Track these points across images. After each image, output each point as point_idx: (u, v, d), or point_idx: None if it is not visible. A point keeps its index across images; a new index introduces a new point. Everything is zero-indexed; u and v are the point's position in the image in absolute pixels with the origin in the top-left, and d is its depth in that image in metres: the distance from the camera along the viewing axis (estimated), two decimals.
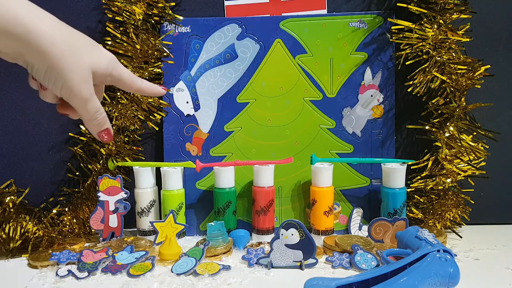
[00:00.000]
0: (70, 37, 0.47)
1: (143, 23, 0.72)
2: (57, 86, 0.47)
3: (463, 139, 0.69)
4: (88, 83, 0.48)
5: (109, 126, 0.52)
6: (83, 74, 0.47)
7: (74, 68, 0.46)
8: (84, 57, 0.47)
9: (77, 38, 0.48)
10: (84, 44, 0.48)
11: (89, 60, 0.48)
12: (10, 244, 0.66)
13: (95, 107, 0.49)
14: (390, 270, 0.49)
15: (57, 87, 0.47)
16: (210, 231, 0.64)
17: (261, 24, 0.74)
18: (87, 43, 0.49)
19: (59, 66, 0.46)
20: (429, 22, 0.69)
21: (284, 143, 0.75)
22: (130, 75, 0.53)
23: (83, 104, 0.48)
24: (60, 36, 0.46)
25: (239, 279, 0.57)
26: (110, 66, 0.50)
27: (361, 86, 0.74)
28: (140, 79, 0.54)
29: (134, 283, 0.56)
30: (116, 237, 0.71)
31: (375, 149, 0.75)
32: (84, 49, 0.48)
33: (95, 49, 0.49)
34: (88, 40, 0.49)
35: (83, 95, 0.48)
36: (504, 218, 0.77)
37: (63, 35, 0.46)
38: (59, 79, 0.46)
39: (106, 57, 0.50)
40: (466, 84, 0.69)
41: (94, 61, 0.48)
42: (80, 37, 0.48)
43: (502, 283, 0.55)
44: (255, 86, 0.75)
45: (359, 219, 0.73)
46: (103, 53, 0.50)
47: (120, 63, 0.52)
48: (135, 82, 0.53)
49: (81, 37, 0.49)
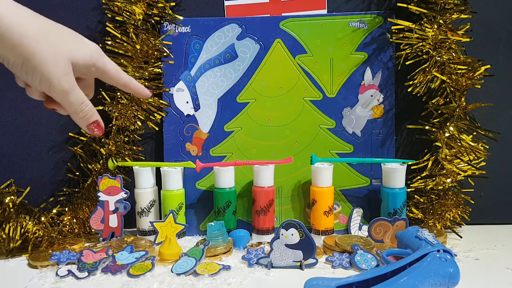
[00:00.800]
0: (44, 28, 0.45)
1: (143, 23, 0.72)
2: (36, 80, 0.45)
3: (463, 139, 0.69)
4: (67, 75, 0.46)
5: (97, 118, 0.50)
6: (61, 65, 0.45)
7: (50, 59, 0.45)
8: (62, 48, 0.46)
9: (53, 29, 0.46)
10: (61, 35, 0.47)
11: (67, 50, 0.46)
12: (10, 244, 0.66)
13: (79, 99, 0.47)
14: (390, 270, 0.49)
15: (36, 80, 0.45)
16: (210, 231, 0.64)
17: (261, 24, 0.74)
18: (65, 34, 0.47)
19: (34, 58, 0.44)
20: (429, 22, 0.69)
21: (284, 143, 0.75)
22: (116, 69, 0.51)
23: (65, 96, 0.47)
24: (34, 28, 0.44)
25: (239, 279, 0.57)
26: (94, 56, 0.48)
27: (361, 86, 0.74)
28: (128, 76, 0.53)
29: (134, 283, 0.56)
30: (116, 237, 0.71)
31: (375, 149, 0.75)
32: (61, 39, 0.46)
33: (75, 39, 0.48)
34: (68, 31, 0.48)
35: (64, 87, 0.46)
36: (504, 218, 0.77)
37: (37, 27, 0.45)
38: (36, 72, 0.45)
39: (88, 47, 0.48)
40: (466, 84, 0.69)
41: (74, 51, 0.46)
42: (58, 28, 0.47)
43: (502, 283, 0.55)
44: (255, 86, 0.75)
45: (359, 219, 0.73)
46: (84, 43, 0.48)
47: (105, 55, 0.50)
48: (121, 76, 0.51)
49: (59, 28, 0.47)
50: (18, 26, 0.44)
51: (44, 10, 0.74)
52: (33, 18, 0.46)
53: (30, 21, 0.45)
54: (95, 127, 0.50)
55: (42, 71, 0.45)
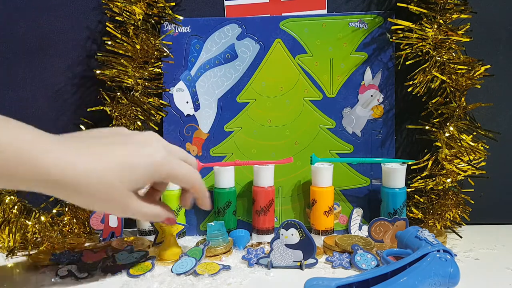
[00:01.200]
0: (104, 169, 0.46)
1: (143, 23, 0.72)
2: (101, 211, 0.52)
3: (463, 139, 0.69)
4: (127, 204, 0.48)
5: (166, 216, 0.54)
6: (122, 202, 0.48)
7: (111, 202, 0.47)
8: (121, 187, 0.47)
9: (111, 164, 0.47)
10: (119, 167, 0.47)
11: (126, 186, 0.47)
12: (10, 244, 0.66)
13: (148, 214, 0.51)
14: (390, 270, 0.49)
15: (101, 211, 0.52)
16: (210, 231, 0.64)
17: (261, 24, 0.74)
18: (122, 162, 0.47)
19: (96, 205, 0.48)
20: (429, 22, 0.69)
21: (284, 143, 0.75)
22: (186, 173, 0.52)
23: (133, 216, 0.51)
24: (94, 175, 0.45)
25: (239, 279, 0.57)
26: (156, 175, 0.49)
27: (361, 86, 0.74)
28: (200, 179, 0.54)
29: (134, 283, 0.56)
30: (116, 237, 0.71)
31: (375, 149, 0.75)
32: (119, 175, 0.47)
33: (134, 161, 0.48)
34: (125, 154, 0.48)
35: (128, 215, 0.50)
36: (504, 218, 0.77)
37: (97, 172, 0.45)
38: (99, 210, 0.50)
39: (148, 167, 0.49)
40: (466, 84, 0.69)
41: (132, 183, 0.48)
42: (113, 160, 0.47)
43: (502, 283, 0.55)
44: (255, 86, 0.75)
45: (359, 219, 0.73)
46: (140, 168, 0.48)
47: (173, 159, 0.51)
48: (192, 179, 0.53)
49: (115, 159, 0.47)
50: (80, 179, 0.45)
51: (44, 10, 0.75)
52: (91, 156, 0.46)
53: (89, 166, 0.45)
54: (166, 223, 0.55)
55: (105, 210, 0.50)
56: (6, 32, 0.75)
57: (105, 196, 0.46)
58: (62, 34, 0.75)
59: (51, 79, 0.76)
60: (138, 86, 0.72)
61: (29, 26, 0.75)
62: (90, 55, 0.76)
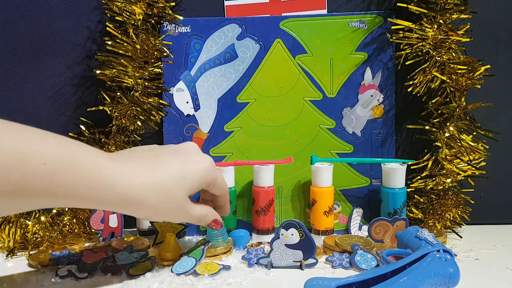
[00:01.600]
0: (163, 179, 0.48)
1: (143, 23, 0.72)
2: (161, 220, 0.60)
3: (463, 139, 0.69)
4: (185, 208, 0.51)
5: (214, 217, 0.56)
6: (181, 207, 0.51)
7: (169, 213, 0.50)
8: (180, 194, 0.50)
9: (170, 172, 0.49)
10: (179, 174, 0.49)
11: (185, 192, 0.50)
12: (10, 244, 0.66)
13: (195, 217, 0.53)
14: (390, 270, 0.49)
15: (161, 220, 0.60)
16: (210, 231, 0.64)
17: (261, 24, 0.74)
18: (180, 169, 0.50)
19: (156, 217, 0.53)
20: (429, 22, 0.69)
21: (284, 143, 0.75)
22: (223, 180, 0.57)
23: (187, 220, 0.54)
24: (155, 192, 0.47)
25: (239, 279, 0.57)
26: (205, 181, 0.52)
27: (361, 86, 0.74)
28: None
29: (134, 283, 0.56)
30: (116, 237, 0.71)
31: (375, 149, 0.75)
32: (179, 182, 0.49)
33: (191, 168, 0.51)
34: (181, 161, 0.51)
35: (181, 220, 0.54)
36: (504, 218, 0.77)
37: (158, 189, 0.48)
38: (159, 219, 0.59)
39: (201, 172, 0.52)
40: (466, 84, 0.69)
41: (190, 188, 0.51)
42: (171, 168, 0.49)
43: (502, 283, 0.55)
44: (255, 86, 0.75)
45: (359, 219, 0.73)
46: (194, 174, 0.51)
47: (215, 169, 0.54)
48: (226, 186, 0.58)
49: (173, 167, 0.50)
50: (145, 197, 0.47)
51: (44, 10, 0.75)
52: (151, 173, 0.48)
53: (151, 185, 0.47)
54: (213, 225, 0.57)
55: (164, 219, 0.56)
56: (6, 32, 0.75)
57: (167, 205, 0.49)
58: (62, 34, 0.75)
59: (51, 79, 0.76)
60: (138, 86, 0.72)
61: (29, 26, 0.75)
62: (90, 55, 0.76)
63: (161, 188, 0.48)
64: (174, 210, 0.50)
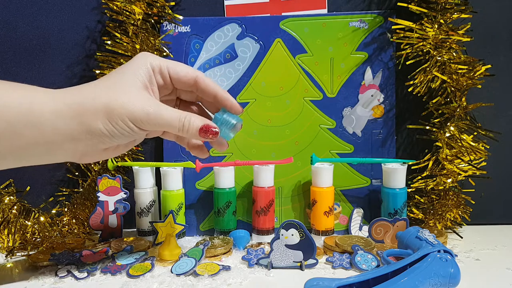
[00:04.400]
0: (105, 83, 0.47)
1: (142, 23, 0.72)
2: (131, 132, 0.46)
3: (464, 139, 0.69)
4: (148, 100, 0.46)
5: (202, 123, 0.48)
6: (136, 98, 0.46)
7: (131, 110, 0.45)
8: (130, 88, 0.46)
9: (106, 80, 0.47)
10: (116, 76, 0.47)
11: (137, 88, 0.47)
12: (10, 244, 0.66)
13: (173, 115, 0.46)
14: (390, 271, 0.49)
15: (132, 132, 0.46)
16: (218, 117, 0.53)
17: (261, 23, 0.74)
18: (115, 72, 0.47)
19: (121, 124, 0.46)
20: (429, 21, 0.69)
21: (284, 143, 0.75)
22: (184, 65, 0.51)
23: (158, 120, 0.46)
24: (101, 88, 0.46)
25: (239, 279, 0.57)
26: (154, 65, 0.48)
27: (362, 86, 0.74)
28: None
29: (133, 284, 0.56)
30: (115, 238, 0.70)
31: (375, 149, 0.74)
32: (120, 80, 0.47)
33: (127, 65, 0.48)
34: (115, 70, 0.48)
35: (155, 127, 0.47)
36: (505, 218, 0.77)
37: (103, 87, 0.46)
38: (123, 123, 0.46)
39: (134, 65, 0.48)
40: (466, 84, 0.69)
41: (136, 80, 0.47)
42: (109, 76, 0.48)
43: (502, 283, 0.55)
44: (255, 86, 0.75)
45: (360, 219, 0.73)
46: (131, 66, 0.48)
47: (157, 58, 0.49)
48: (192, 69, 0.51)
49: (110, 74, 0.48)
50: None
51: (44, 10, 0.75)
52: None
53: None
54: (204, 133, 0.48)
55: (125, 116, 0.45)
56: (6, 32, 0.75)
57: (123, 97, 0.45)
58: (62, 34, 0.75)
59: (51, 79, 0.76)
60: None
61: (29, 26, 0.75)
62: (89, 55, 0.75)
63: (106, 85, 0.46)
64: (133, 106, 0.44)
